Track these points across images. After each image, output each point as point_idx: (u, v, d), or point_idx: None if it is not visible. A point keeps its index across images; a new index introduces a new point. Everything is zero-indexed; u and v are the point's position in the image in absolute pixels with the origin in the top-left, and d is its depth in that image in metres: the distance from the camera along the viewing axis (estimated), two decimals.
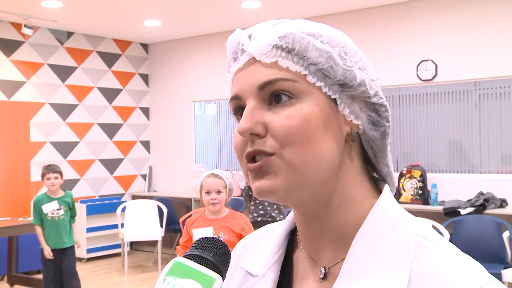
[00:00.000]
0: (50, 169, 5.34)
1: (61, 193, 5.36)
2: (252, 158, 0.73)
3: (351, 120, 0.74)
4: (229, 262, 0.71)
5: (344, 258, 0.75)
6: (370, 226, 0.74)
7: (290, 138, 0.70)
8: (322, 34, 0.74)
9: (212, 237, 0.71)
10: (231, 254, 0.73)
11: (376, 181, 0.81)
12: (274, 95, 0.72)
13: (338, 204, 0.75)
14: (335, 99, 0.73)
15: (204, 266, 0.67)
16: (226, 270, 0.70)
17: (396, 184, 0.92)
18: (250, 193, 5.76)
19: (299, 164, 0.71)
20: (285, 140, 0.70)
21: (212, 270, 0.67)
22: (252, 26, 0.79)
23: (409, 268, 0.69)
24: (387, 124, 0.77)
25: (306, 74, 0.72)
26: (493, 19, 5.99)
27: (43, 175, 5.34)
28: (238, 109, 0.76)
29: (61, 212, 5.28)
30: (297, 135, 0.70)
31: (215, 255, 0.69)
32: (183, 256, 0.68)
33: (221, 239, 0.73)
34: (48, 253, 5.23)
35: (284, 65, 0.72)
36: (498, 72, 5.99)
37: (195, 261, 0.67)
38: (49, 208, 5.24)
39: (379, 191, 0.79)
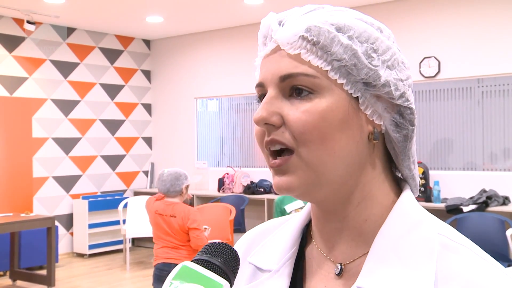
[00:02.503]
0: None
1: None
2: (272, 152, 0.73)
3: (373, 120, 0.73)
4: (238, 268, 0.70)
5: (362, 255, 0.74)
6: (392, 224, 0.73)
7: (305, 135, 0.70)
8: (352, 28, 0.72)
9: (221, 243, 0.70)
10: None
11: (399, 180, 0.80)
12: (294, 88, 0.72)
13: (358, 202, 0.75)
14: (357, 97, 0.72)
15: (212, 271, 0.66)
16: (235, 277, 0.69)
17: (419, 186, 0.89)
18: None
19: (316, 163, 0.71)
20: (301, 137, 0.70)
21: (219, 275, 0.66)
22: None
23: (435, 268, 0.68)
24: (410, 127, 0.75)
25: (328, 70, 0.71)
26: (496, 16, 5.96)
27: None
28: (262, 97, 0.76)
29: None
30: (312, 132, 0.70)
31: (223, 261, 0.68)
32: (191, 261, 0.67)
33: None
34: None
35: (307, 59, 0.71)
36: (501, 69, 5.96)
37: (203, 266, 0.66)
38: (293, 207, 4.48)
39: (401, 190, 0.78)
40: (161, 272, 3.96)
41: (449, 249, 0.70)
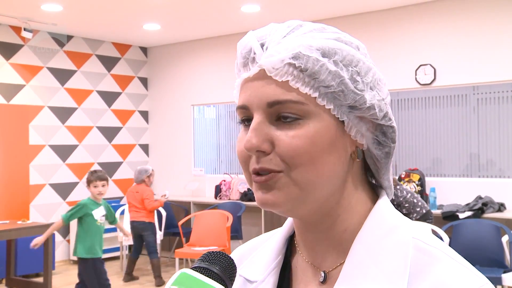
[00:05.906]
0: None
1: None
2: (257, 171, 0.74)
3: (356, 139, 0.75)
4: (234, 276, 0.72)
5: (343, 262, 0.76)
6: (369, 230, 0.75)
7: (295, 159, 0.71)
8: (337, 52, 0.73)
9: (219, 252, 0.72)
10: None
11: (375, 187, 0.82)
12: (281, 113, 0.72)
13: (338, 215, 0.77)
14: (343, 120, 0.73)
15: (210, 278, 0.68)
16: (232, 284, 0.71)
17: (393, 191, 0.92)
18: None
19: (304, 183, 0.72)
20: (291, 161, 0.71)
21: (218, 282, 0.68)
22: (250, 27, 0.79)
23: (408, 271, 0.70)
24: (392, 145, 0.78)
25: (316, 97, 0.72)
26: (491, 24, 6.00)
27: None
28: (245, 118, 0.76)
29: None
30: (302, 156, 0.71)
31: (221, 268, 0.70)
32: (191, 268, 0.69)
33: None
34: None
35: (295, 86, 0.71)
36: (497, 77, 6.00)
37: (202, 273, 0.68)
38: (100, 214, 5.60)
39: (377, 196, 0.81)
40: (132, 225, 6.73)
41: (422, 251, 0.72)
